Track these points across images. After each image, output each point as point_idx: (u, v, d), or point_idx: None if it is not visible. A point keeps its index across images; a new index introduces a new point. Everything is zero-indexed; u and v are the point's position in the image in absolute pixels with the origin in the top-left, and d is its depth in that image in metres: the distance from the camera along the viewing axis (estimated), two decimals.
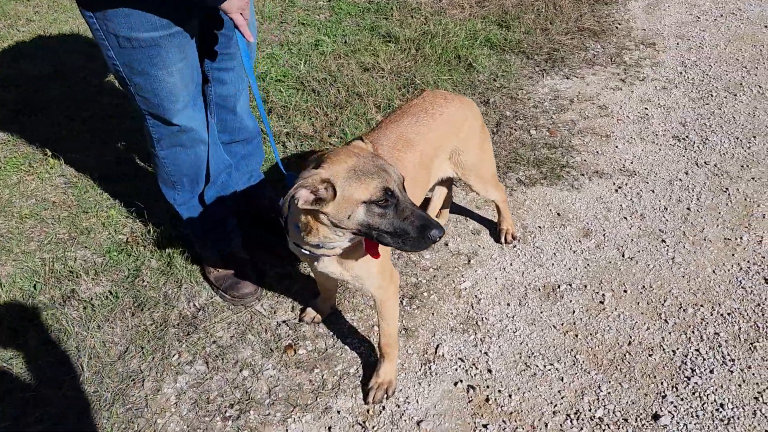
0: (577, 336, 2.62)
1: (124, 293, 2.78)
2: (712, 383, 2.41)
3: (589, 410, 2.34)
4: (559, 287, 2.85)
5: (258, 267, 2.89)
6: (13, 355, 2.52)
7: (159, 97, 2.21)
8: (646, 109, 4.10)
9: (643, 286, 2.84)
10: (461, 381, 2.47)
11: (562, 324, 2.68)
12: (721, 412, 2.31)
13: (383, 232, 1.76)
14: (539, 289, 2.85)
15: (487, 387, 2.44)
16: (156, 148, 2.46)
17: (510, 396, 2.41)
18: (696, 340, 2.58)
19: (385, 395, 2.40)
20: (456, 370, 2.51)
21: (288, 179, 2.00)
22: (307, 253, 2.02)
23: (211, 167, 2.60)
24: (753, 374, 2.44)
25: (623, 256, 3.01)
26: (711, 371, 2.45)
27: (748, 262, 2.94)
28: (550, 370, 2.49)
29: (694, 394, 2.37)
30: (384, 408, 2.38)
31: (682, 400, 2.35)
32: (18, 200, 3.34)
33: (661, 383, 2.42)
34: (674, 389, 2.39)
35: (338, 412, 2.38)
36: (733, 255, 2.99)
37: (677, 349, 2.55)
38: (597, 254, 3.02)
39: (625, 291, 2.82)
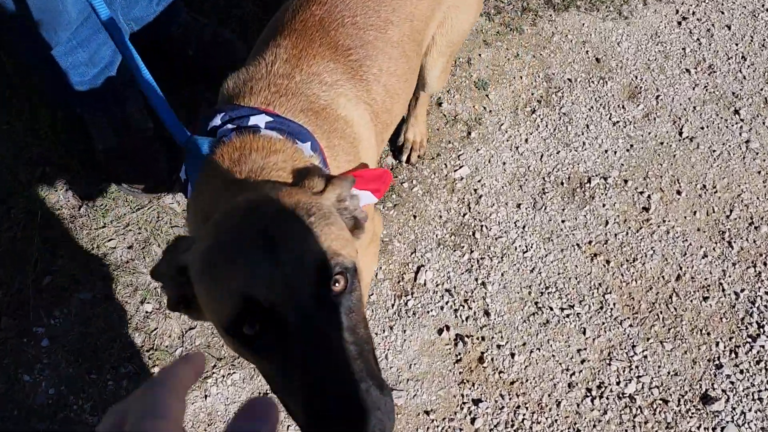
0: (608, 263, 1.92)
1: None
2: None
3: (617, 383, 1.74)
4: (589, 181, 2.07)
5: (168, 138, 2.01)
6: None
7: None
8: None
9: (704, 186, 2.07)
10: (447, 327, 1.81)
11: (590, 242, 1.96)
12: None
13: (272, 389, 0.87)
14: (562, 183, 2.06)
15: (482, 339, 1.80)
16: None
17: (512, 355, 1.77)
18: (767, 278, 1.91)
19: None
20: (441, 308, 1.84)
21: (187, 166, 1.10)
22: None
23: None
24: None
25: (680, 134, 2.18)
26: None
27: None
28: (569, 316, 1.84)
29: (758, 363, 1.77)
30: None
31: (741, 373, 1.76)
32: None
33: (716, 344, 1.80)
34: (733, 355, 1.78)
35: None
36: None
37: (741, 290, 1.88)
38: (645, 129, 2.18)
39: (679, 192, 2.06)
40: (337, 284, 0.85)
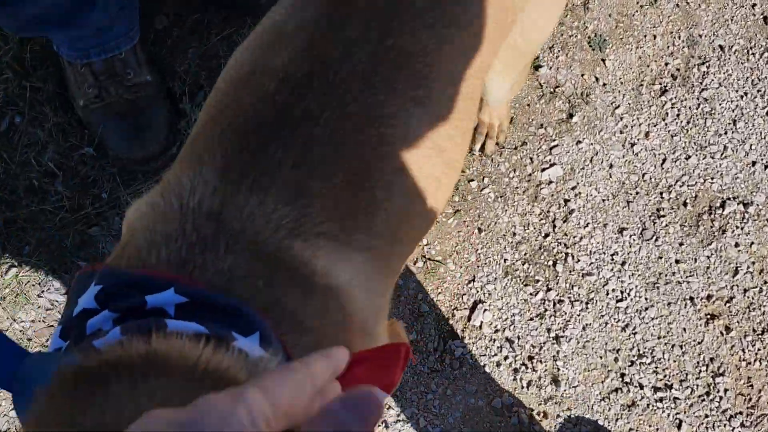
0: (728, 331, 1.45)
1: None
2: None
3: None
4: (722, 206, 1.53)
5: (173, 89, 1.53)
6: None
7: None
8: None
9: None
10: (502, 392, 1.42)
11: (709, 297, 1.47)
12: None
13: None
14: (685, 204, 1.54)
15: (545, 416, 1.41)
16: None
17: None
18: None
19: None
20: (498, 364, 1.43)
21: (16, 407, 0.59)
22: None
23: None
24: None
25: None
26: None
27: None
28: (662, 400, 1.41)
29: None
30: None
31: None
32: None
33: None
34: None
35: None
36: None
37: None
38: None
39: None
40: None
